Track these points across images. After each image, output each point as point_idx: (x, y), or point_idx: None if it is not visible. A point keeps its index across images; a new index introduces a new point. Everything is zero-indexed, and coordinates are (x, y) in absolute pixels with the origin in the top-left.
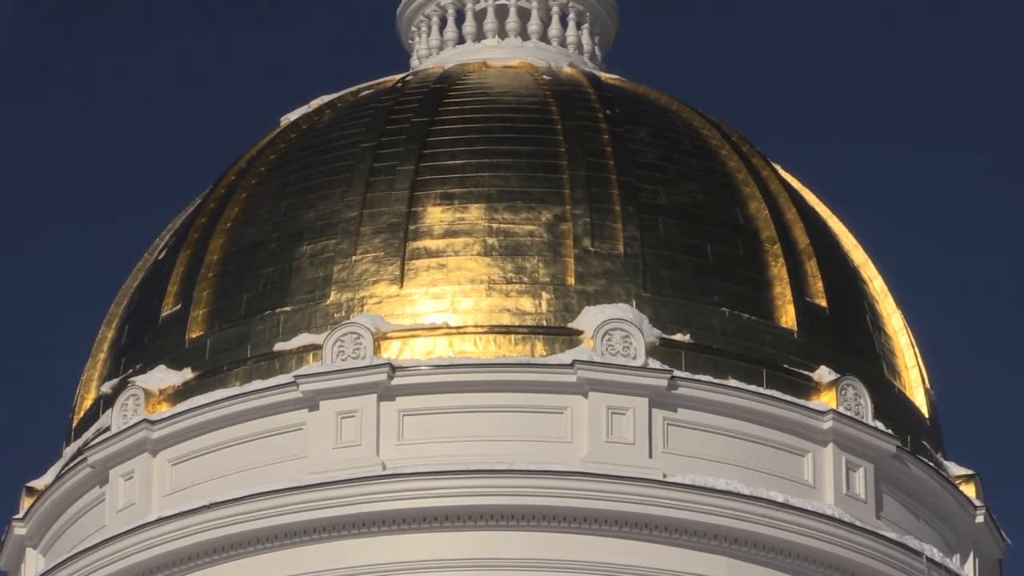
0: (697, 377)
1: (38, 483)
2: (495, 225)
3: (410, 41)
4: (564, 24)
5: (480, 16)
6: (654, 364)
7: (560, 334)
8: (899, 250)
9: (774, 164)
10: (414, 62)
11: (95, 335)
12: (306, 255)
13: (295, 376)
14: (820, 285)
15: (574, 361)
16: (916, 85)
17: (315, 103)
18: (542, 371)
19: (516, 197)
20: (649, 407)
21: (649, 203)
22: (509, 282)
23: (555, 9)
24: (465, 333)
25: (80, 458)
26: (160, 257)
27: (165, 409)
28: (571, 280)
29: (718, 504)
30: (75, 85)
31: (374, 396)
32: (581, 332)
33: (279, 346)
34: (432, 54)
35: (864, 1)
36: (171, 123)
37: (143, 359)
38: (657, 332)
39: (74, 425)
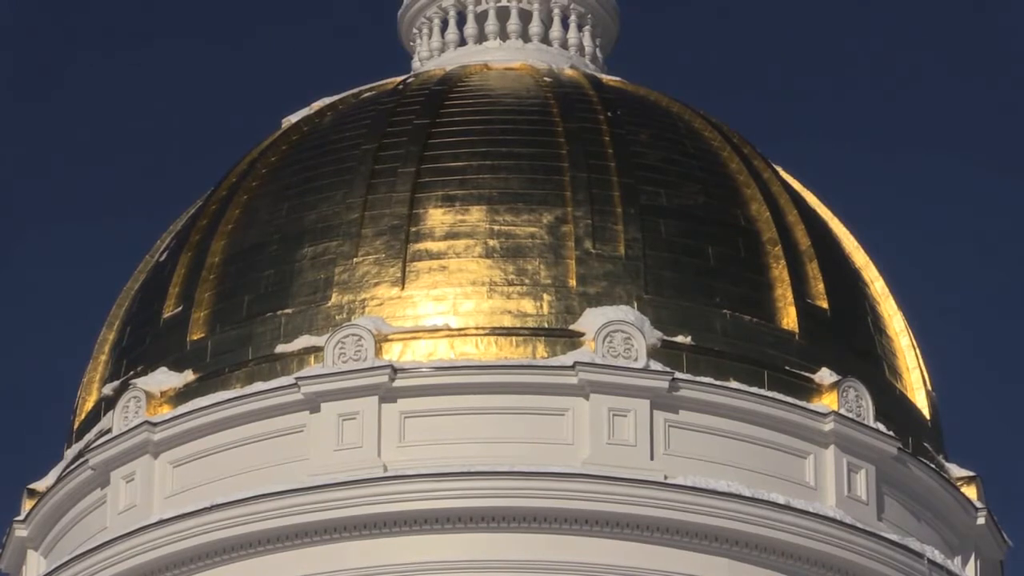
0: (698, 379)
1: (39, 485)
2: (496, 227)
3: (411, 43)
4: (565, 26)
5: (481, 18)
6: (655, 366)
7: (561, 336)
8: (900, 252)
9: (775, 166)
10: (415, 64)
11: (96, 337)
12: (307, 257)
13: (296, 378)
14: (821, 287)
15: (575, 363)
16: (917, 87)
17: (316, 105)
18: (543, 373)
19: (517, 199)
20: (650, 409)
21: (650, 205)
22: (510, 284)
23: (556, 11)
24: (466, 335)
25: (81, 460)
26: (161, 259)
27: (166, 411)
28: (572, 282)
29: (719, 506)
30: (76, 86)
31: (375, 398)
32: (582, 334)
33: (280, 348)
34: (433, 56)
35: (865, 3)
36: (172, 124)
37: (144, 361)
38: (658, 334)
39: (75, 427)
